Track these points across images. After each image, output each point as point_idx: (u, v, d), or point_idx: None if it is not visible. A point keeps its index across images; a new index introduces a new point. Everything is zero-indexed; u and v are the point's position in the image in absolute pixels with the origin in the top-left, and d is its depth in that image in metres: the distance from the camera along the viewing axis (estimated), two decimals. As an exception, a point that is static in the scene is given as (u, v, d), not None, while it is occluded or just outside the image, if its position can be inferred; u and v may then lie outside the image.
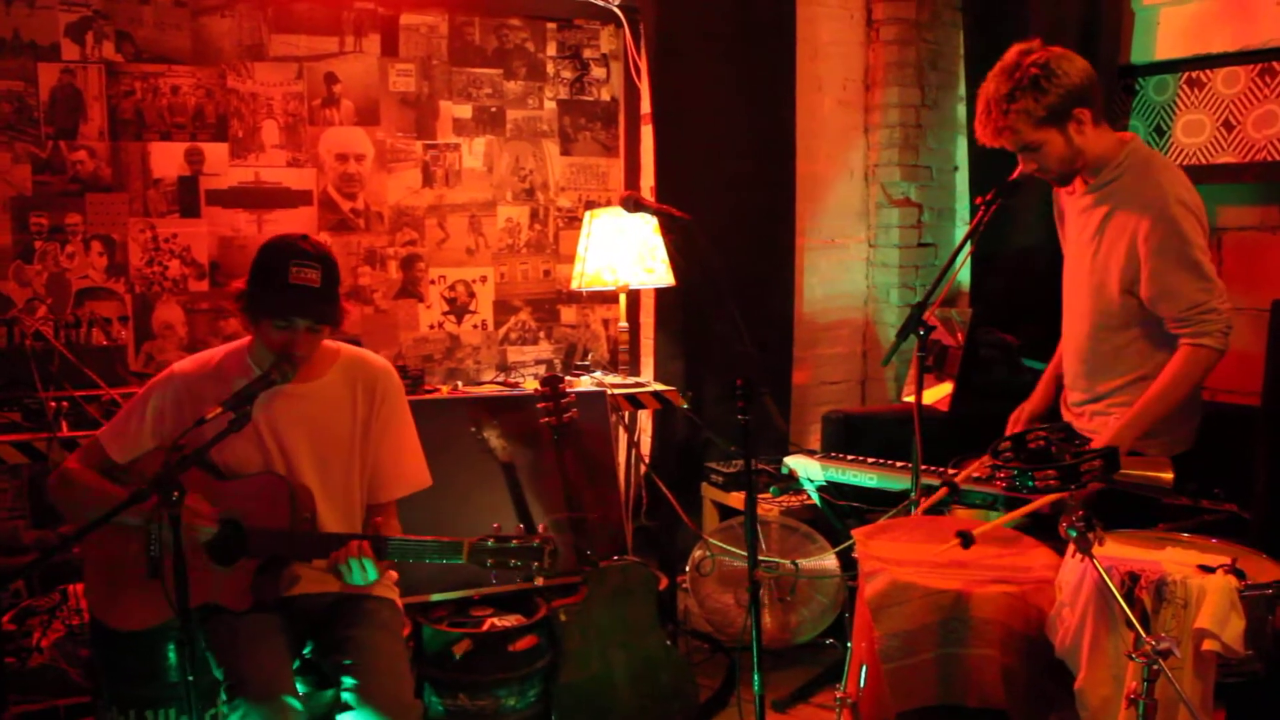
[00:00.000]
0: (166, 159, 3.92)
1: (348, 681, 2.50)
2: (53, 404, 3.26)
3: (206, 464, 2.66)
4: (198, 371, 2.71)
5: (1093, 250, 2.91)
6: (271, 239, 2.66)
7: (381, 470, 2.81)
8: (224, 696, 2.46)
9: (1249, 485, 3.13)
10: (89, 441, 2.72)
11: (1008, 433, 3.08)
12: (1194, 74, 3.88)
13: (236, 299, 2.63)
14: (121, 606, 2.63)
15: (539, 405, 3.44)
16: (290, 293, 2.54)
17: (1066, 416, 3.07)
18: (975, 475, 3.05)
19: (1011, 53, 2.82)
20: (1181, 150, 3.91)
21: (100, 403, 3.35)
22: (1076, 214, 2.99)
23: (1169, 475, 2.59)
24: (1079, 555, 2.20)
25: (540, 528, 2.68)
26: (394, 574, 2.93)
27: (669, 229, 4.01)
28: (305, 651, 2.69)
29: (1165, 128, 3.97)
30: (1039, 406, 3.22)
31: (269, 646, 2.56)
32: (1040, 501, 2.51)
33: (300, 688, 2.56)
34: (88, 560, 2.71)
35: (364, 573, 2.53)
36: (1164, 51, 3.96)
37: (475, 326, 4.48)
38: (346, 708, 2.50)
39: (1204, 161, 3.84)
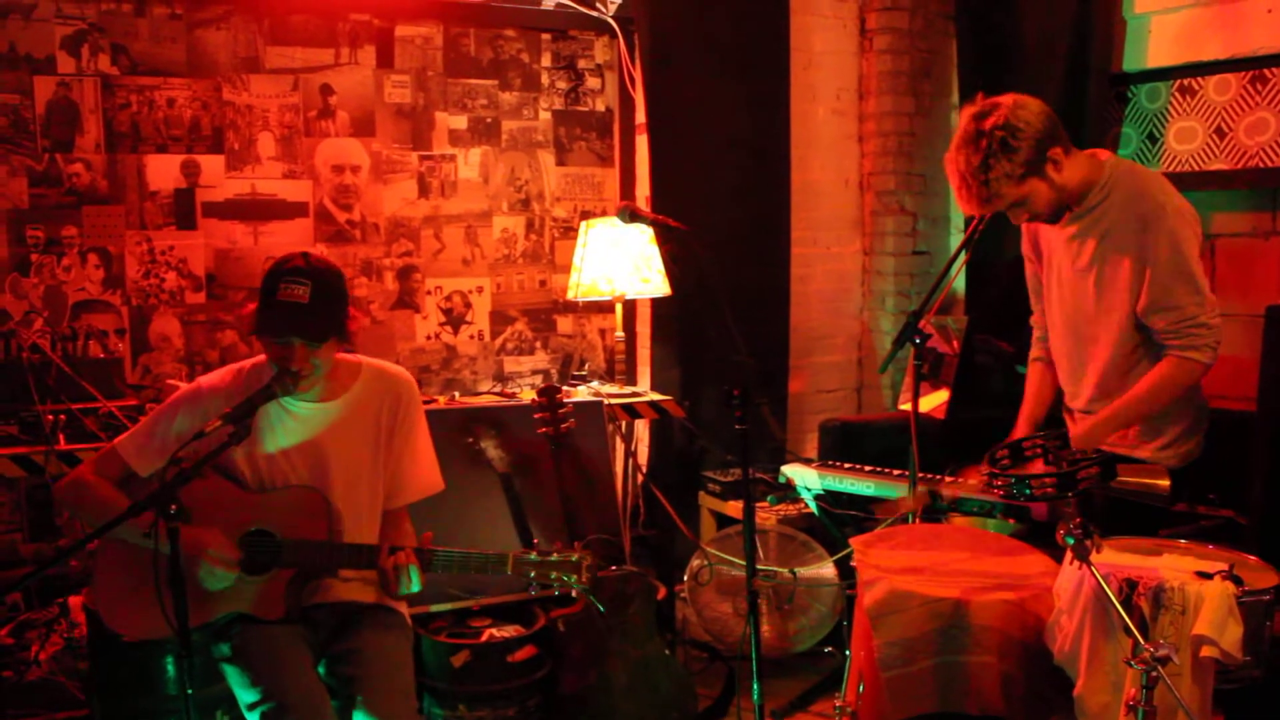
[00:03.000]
0: (163, 171, 3.93)
1: (354, 696, 2.50)
2: (50, 417, 3.26)
3: (234, 478, 2.66)
4: (224, 386, 2.70)
5: (1094, 278, 2.86)
6: (274, 261, 2.67)
7: (399, 476, 2.83)
8: (256, 718, 2.44)
9: (1244, 491, 3.14)
10: (106, 450, 2.70)
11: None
12: (1186, 81, 3.90)
13: (250, 320, 2.64)
14: (133, 615, 2.62)
15: (536, 416, 3.44)
16: (278, 310, 2.55)
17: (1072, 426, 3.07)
18: (965, 486, 3.06)
19: (966, 121, 2.76)
20: (1174, 157, 3.93)
21: (98, 416, 3.34)
22: (1064, 243, 2.93)
23: (1165, 483, 2.60)
24: (1077, 562, 2.21)
25: (577, 545, 2.72)
26: None
27: (665, 239, 4.02)
28: (320, 668, 2.69)
29: (1158, 135, 3.99)
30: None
31: (308, 669, 2.56)
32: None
33: None
34: (99, 566, 2.69)
35: (409, 582, 2.58)
36: (1156, 60, 3.99)
37: (472, 337, 4.49)
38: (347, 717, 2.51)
39: (1196, 168, 3.86)
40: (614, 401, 3.95)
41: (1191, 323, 2.73)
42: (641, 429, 4.55)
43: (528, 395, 4.00)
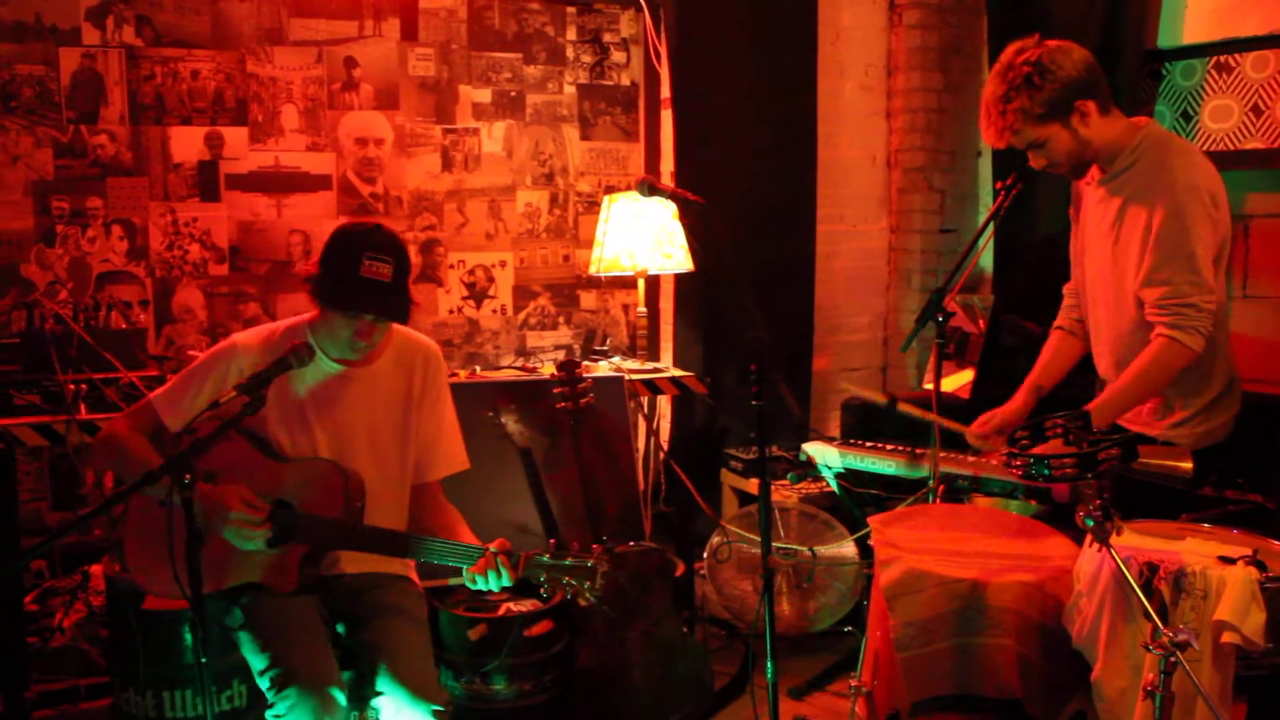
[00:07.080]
0: (186, 143, 3.94)
1: (376, 663, 2.50)
2: (71, 387, 3.28)
3: (260, 441, 2.65)
4: (259, 345, 2.67)
5: (1112, 241, 2.82)
6: (344, 226, 2.63)
7: (427, 449, 2.82)
8: (266, 684, 2.44)
9: (1274, 476, 3.09)
10: (141, 404, 2.69)
11: (972, 433, 2.98)
12: (1222, 58, 3.82)
13: (306, 281, 2.60)
14: (162, 575, 2.61)
15: (555, 390, 3.43)
16: (362, 286, 2.51)
17: None
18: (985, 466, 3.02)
19: (1007, 52, 2.75)
20: (1209, 136, 3.86)
21: (119, 386, 3.37)
22: (1094, 204, 2.90)
23: (1188, 465, 2.54)
24: (1096, 545, 2.18)
25: (595, 549, 2.65)
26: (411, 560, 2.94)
27: (687, 214, 3.99)
28: (339, 629, 2.70)
29: (1192, 113, 3.91)
30: (1013, 416, 2.99)
31: (317, 636, 2.56)
32: None
33: None
34: (129, 528, 2.67)
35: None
36: (1191, 35, 3.90)
37: (494, 311, 4.48)
38: (361, 688, 2.52)
39: (1231, 147, 3.78)
40: (635, 377, 3.94)
41: (1181, 301, 2.64)
42: (663, 405, 4.54)
43: (549, 370, 3.99)
